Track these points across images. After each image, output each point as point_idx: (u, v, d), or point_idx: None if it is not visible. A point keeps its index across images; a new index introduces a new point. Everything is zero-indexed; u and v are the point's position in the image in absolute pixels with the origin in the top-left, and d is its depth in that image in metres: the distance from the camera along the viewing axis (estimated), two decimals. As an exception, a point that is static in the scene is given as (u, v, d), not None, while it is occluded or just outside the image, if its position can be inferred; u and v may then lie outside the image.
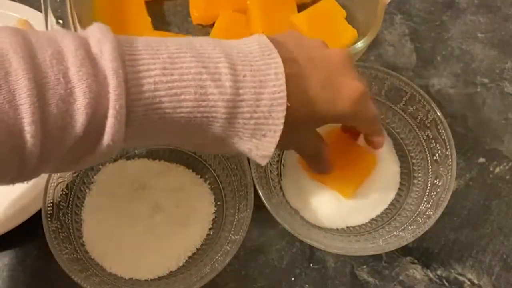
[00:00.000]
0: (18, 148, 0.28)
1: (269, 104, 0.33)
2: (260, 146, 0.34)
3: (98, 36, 0.31)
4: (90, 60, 0.30)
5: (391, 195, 0.49)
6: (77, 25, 0.49)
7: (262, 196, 0.43)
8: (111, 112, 0.30)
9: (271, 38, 0.36)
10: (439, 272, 0.48)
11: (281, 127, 0.33)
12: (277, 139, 0.34)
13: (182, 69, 0.31)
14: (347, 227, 0.47)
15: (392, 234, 0.45)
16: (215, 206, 0.48)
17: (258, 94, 0.33)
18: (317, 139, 0.41)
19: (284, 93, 0.33)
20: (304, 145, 0.41)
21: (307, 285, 0.47)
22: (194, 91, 0.31)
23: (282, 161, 0.50)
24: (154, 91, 0.31)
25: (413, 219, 0.45)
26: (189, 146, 0.37)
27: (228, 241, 0.44)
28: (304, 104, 0.35)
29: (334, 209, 0.47)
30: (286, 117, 0.33)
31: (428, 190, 0.47)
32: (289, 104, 0.33)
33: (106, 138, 0.30)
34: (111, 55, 0.30)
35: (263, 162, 0.36)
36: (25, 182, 0.32)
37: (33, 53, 0.29)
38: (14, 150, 0.28)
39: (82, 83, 0.29)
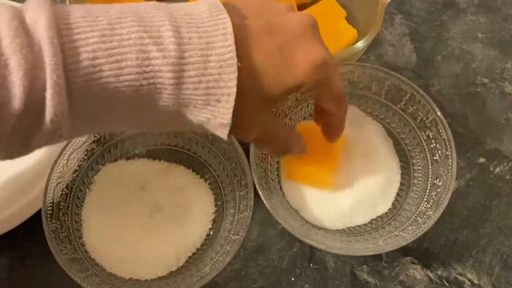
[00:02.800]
0: None
1: (218, 66, 0.31)
2: (216, 113, 0.33)
3: (34, 7, 0.30)
4: (25, 31, 0.29)
5: (392, 195, 0.49)
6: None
7: (262, 196, 0.43)
8: (49, 83, 0.28)
9: (227, 3, 0.34)
10: (439, 272, 0.48)
11: (235, 89, 0.32)
12: (232, 103, 0.32)
13: (123, 35, 0.30)
14: (347, 227, 0.47)
15: (392, 234, 0.45)
16: (215, 206, 0.48)
17: (205, 56, 0.31)
18: (283, 127, 0.39)
19: (233, 54, 0.31)
20: (271, 134, 0.38)
21: (307, 285, 0.47)
22: (136, 56, 0.30)
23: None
24: (93, 60, 0.30)
25: (413, 219, 0.45)
26: (146, 126, 0.35)
27: (228, 241, 0.44)
28: (254, 73, 0.33)
29: (334, 209, 0.47)
30: (239, 84, 0.32)
31: (428, 190, 0.47)
32: (239, 65, 0.32)
33: (48, 112, 0.29)
34: (46, 25, 0.29)
35: (224, 133, 0.34)
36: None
37: None
38: None
39: (16, 55, 0.28)
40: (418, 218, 0.45)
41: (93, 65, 0.30)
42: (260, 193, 0.44)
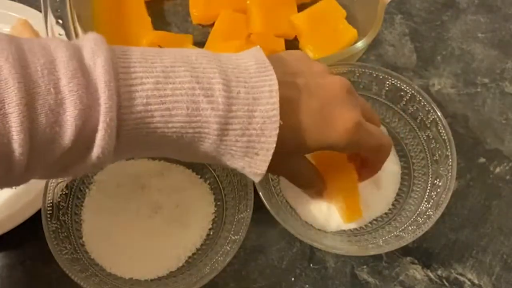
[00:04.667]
0: (6, 156, 0.28)
1: (262, 122, 0.33)
2: (252, 164, 0.34)
3: (92, 47, 0.30)
4: (82, 72, 0.29)
5: (392, 196, 0.49)
6: (77, 25, 0.49)
7: (262, 196, 0.43)
8: (101, 125, 0.29)
9: (271, 57, 0.35)
10: (439, 272, 0.48)
11: (274, 145, 0.33)
12: (270, 157, 0.33)
13: (176, 84, 0.31)
14: (347, 228, 0.47)
15: (392, 234, 0.45)
16: (215, 206, 0.48)
17: (251, 111, 0.32)
18: (310, 168, 0.41)
19: (277, 111, 0.33)
20: (297, 173, 0.41)
21: (307, 285, 0.47)
22: (186, 106, 0.31)
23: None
24: (146, 105, 0.31)
25: (413, 219, 0.45)
26: (180, 158, 0.36)
27: (228, 241, 0.44)
28: (295, 129, 0.35)
29: (335, 210, 0.47)
30: (279, 138, 0.33)
31: (428, 190, 0.47)
32: (281, 123, 0.33)
33: (96, 150, 0.30)
34: (103, 68, 0.30)
35: (256, 179, 0.36)
36: (13, 187, 0.32)
37: (25, 62, 0.28)
38: (1, 158, 0.28)
39: (73, 94, 0.29)
40: (418, 218, 0.45)
41: (146, 111, 0.31)
42: (260, 193, 0.44)
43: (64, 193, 0.46)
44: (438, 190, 0.45)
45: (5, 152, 0.28)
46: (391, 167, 0.49)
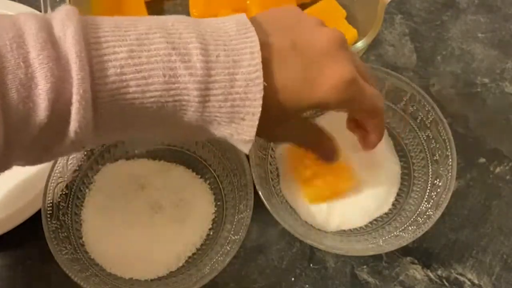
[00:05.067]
0: None
1: (245, 85, 0.31)
2: (240, 130, 0.33)
3: (63, 18, 0.30)
4: (52, 43, 0.29)
5: (392, 196, 0.48)
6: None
7: (262, 196, 0.43)
8: (75, 97, 0.28)
9: (254, 18, 0.34)
10: (439, 272, 0.48)
11: (259, 108, 0.32)
12: (256, 121, 0.32)
13: (151, 51, 0.30)
14: (347, 228, 0.47)
15: (392, 234, 0.45)
16: (215, 206, 0.48)
17: (232, 74, 0.31)
18: (309, 127, 0.39)
19: (260, 73, 0.31)
20: (297, 136, 0.39)
21: (307, 285, 0.47)
22: (163, 73, 0.30)
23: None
24: (121, 75, 0.30)
25: (413, 219, 0.45)
26: (168, 137, 0.35)
27: (228, 241, 0.44)
28: (279, 91, 0.33)
29: (335, 210, 0.47)
30: (264, 102, 0.32)
31: (428, 190, 0.47)
32: (266, 84, 0.32)
33: (73, 125, 0.29)
34: (73, 38, 0.29)
35: (245, 148, 0.34)
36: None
37: None
38: None
39: (43, 67, 0.28)
40: (418, 218, 0.45)
41: (120, 81, 0.30)
42: (260, 193, 0.44)
43: (64, 193, 0.46)
44: (438, 190, 0.45)
45: None
46: (392, 167, 0.49)
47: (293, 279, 0.48)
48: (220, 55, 0.31)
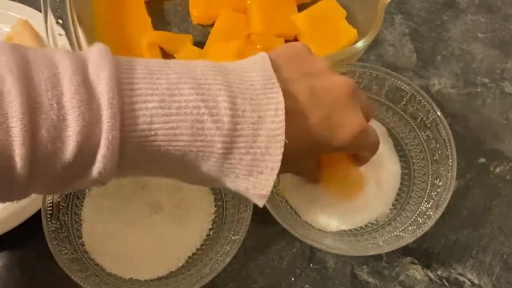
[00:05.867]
0: (7, 169, 0.28)
1: (267, 140, 0.32)
2: (257, 185, 0.34)
3: (97, 60, 0.30)
4: (86, 87, 0.29)
5: (393, 196, 0.48)
6: (77, 25, 0.49)
7: (262, 196, 0.43)
8: (103, 142, 0.29)
9: (273, 61, 0.35)
10: (439, 272, 0.48)
11: (279, 164, 0.33)
12: (274, 177, 0.33)
13: (180, 102, 0.31)
14: (347, 228, 0.47)
15: (392, 234, 0.45)
16: (215, 206, 0.48)
17: (256, 129, 0.32)
18: (314, 165, 0.42)
19: (282, 130, 0.32)
20: (305, 172, 0.42)
21: (307, 285, 0.47)
22: (191, 125, 0.31)
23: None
24: (150, 124, 0.30)
25: (413, 219, 0.45)
26: (183, 179, 0.36)
27: (228, 241, 0.44)
28: (302, 140, 0.35)
29: (335, 210, 0.47)
30: (283, 152, 0.33)
31: (428, 190, 0.47)
32: (287, 142, 0.33)
33: (97, 166, 0.30)
34: (107, 84, 0.29)
35: (260, 203, 0.35)
36: (15, 202, 0.32)
37: (29, 74, 0.28)
38: (3, 171, 0.28)
39: (75, 111, 0.28)
40: (418, 218, 0.45)
41: (149, 129, 0.30)
42: (260, 193, 0.43)
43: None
44: (438, 190, 0.45)
45: (7, 166, 0.28)
46: (392, 167, 0.49)
47: (293, 279, 0.48)
48: (247, 110, 0.32)
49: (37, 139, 0.28)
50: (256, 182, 0.33)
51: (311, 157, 0.39)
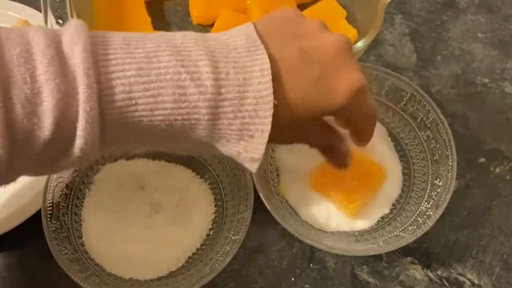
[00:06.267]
0: None
1: (255, 103, 0.31)
2: (248, 148, 0.32)
3: (72, 34, 0.29)
4: (60, 60, 0.28)
5: (394, 197, 0.48)
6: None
7: (262, 196, 0.43)
8: (81, 115, 0.28)
9: (259, 28, 0.34)
10: (439, 272, 0.48)
11: (269, 126, 0.32)
12: (266, 139, 0.32)
13: (160, 69, 0.30)
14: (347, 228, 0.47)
15: (392, 234, 0.45)
16: (215, 206, 0.48)
17: (242, 92, 0.31)
18: (324, 131, 0.38)
19: (270, 91, 0.31)
20: (310, 139, 0.38)
21: (307, 285, 0.47)
22: (172, 91, 0.30)
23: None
24: (129, 93, 0.29)
25: (413, 219, 0.45)
26: (175, 150, 0.35)
27: (228, 241, 0.44)
28: (297, 105, 0.33)
29: (335, 210, 0.47)
30: (275, 116, 0.31)
31: (428, 190, 0.47)
32: (275, 102, 0.31)
33: (79, 142, 0.29)
34: (82, 55, 0.28)
35: (253, 167, 0.34)
36: (3, 186, 0.31)
37: (1, 51, 0.28)
38: None
39: (50, 83, 0.28)
40: (418, 218, 0.45)
41: (129, 98, 0.29)
42: (260, 193, 0.44)
43: (64, 193, 0.46)
44: (438, 190, 0.45)
45: None
46: (392, 167, 0.49)
47: (293, 279, 0.48)
48: (230, 72, 0.31)
49: (12, 115, 0.27)
50: (248, 145, 0.32)
51: (310, 123, 0.36)
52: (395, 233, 0.45)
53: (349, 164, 0.40)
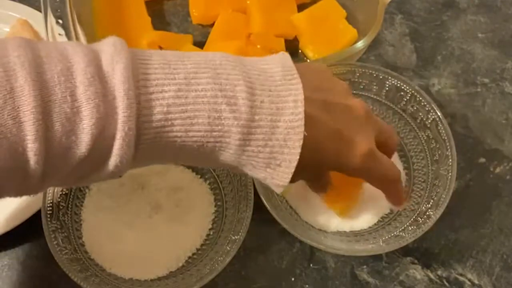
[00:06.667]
0: (21, 164, 0.28)
1: (286, 132, 0.32)
2: (275, 176, 0.33)
3: (111, 52, 0.30)
4: (100, 79, 0.29)
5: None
6: (77, 25, 0.49)
7: (262, 196, 0.43)
8: (119, 134, 0.29)
9: (297, 65, 0.34)
10: (439, 272, 0.48)
11: (297, 156, 0.32)
12: (293, 169, 0.32)
13: (198, 92, 0.30)
14: (348, 228, 0.47)
15: (392, 234, 0.45)
16: (215, 206, 0.48)
17: (275, 121, 0.31)
18: (325, 175, 0.40)
19: (301, 122, 0.32)
20: (311, 179, 0.40)
21: (307, 285, 0.47)
22: (208, 115, 0.30)
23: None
24: (167, 114, 0.30)
25: (413, 219, 0.45)
26: (198, 166, 0.36)
27: (228, 241, 0.44)
28: (316, 145, 0.34)
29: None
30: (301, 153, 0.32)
31: (428, 190, 0.47)
32: (306, 134, 0.32)
33: (113, 160, 0.30)
34: (122, 75, 0.29)
35: (278, 191, 0.35)
36: (31, 196, 0.31)
37: (41, 69, 0.28)
38: (17, 167, 0.28)
39: (90, 103, 0.28)
40: (418, 218, 0.45)
41: (166, 119, 0.30)
42: (260, 193, 0.44)
43: (64, 193, 0.46)
44: (438, 190, 0.45)
45: (20, 161, 0.27)
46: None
47: (293, 279, 0.47)
48: (265, 101, 0.31)
49: (51, 133, 0.28)
50: (274, 173, 0.33)
51: (319, 169, 0.37)
52: (395, 233, 0.45)
53: (327, 191, 0.42)
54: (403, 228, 0.45)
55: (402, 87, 0.48)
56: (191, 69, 0.31)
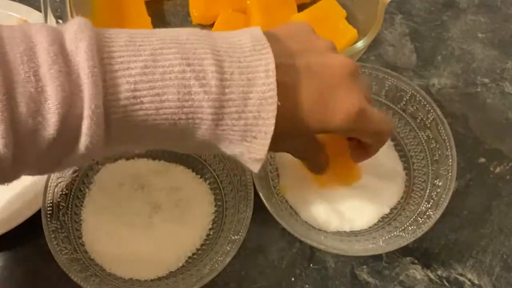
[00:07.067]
0: None
1: (258, 103, 0.31)
2: (251, 149, 0.32)
3: (76, 31, 0.29)
4: (64, 57, 0.28)
5: (392, 196, 0.48)
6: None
7: (262, 196, 0.43)
8: (86, 113, 0.28)
9: (270, 34, 0.34)
10: (439, 273, 0.48)
11: (272, 127, 0.31)
12: (269, 140, 0.32)
13: (165, 67, 0.30)
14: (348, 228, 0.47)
15: (392, 234, 0.45)
16: (215, 206, 0.48)
17: (246, 92, 0.31)
18: (311, 144, 0.39)
19: (274, 92, 0.31)
20: (296, 150, 0.39)
21: (307, 285, 0.47)
22: (177, 90, 0.30)
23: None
24: (134, 91, 0.29)
25: (413, 219, 0.45)
26: (177, 149, 0.35)
27: (228, 241, 0.44)
28: (293, 112, 0.33)
29: (335, 210, 0.47)
30: (276, 122, 0.31)
31: (428, 190, 0.47)
32: (279, 103, 0.31)
33: (84, 140, 0.29)
34: (86, 52, 0.28)
35: (255, 168, 0.34)
36: (6, 184, 0.30)
37: (3, 49, 0.27)
38: None
39: (54, 82, 0.27)
40: (418, 218, 0.45)
41: (134, 97, 0.29)
42: (260, 193, 0.44)
43: (64, 193, 0.46)
44: (438, 190, 0.45)
45: None
46: (392, 167, 0.49)
47: (293, 279, 0.47)
48: (235, 72, 0.31)
49: (16, 114, 0.27)
50: (250, 146, 0.32)
51: (305, 136, 0.37)
52: (395, 233, 0.45)
53: (325, 171, 0.41)
54: (403, 228, 0.45)
55: (402, 87, 0.48)
56: (157, 45, 0.30)
